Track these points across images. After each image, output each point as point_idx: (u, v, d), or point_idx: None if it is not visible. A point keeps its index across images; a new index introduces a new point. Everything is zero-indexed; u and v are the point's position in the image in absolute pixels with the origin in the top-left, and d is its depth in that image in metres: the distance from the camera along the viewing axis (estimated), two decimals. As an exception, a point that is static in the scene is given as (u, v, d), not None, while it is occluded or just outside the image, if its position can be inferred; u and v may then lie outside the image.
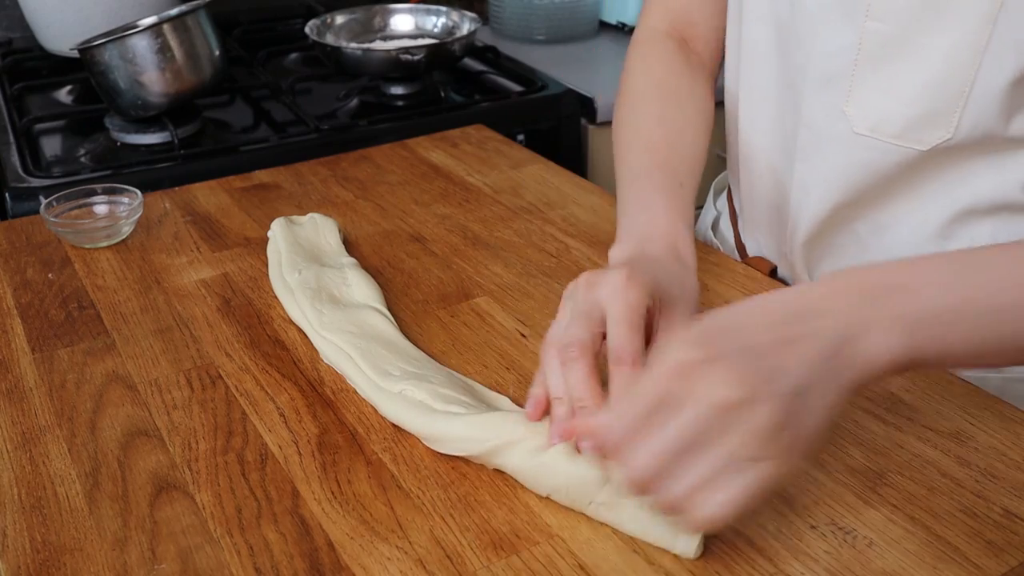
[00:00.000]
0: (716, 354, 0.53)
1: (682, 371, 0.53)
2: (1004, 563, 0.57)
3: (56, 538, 0.61)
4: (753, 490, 0.52)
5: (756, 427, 0.51)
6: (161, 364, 0.79)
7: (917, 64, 0.72)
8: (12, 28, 1.75)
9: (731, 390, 0.51)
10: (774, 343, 0.53)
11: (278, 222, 0.94)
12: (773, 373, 0.52)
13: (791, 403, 0.52)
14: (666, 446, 0.52)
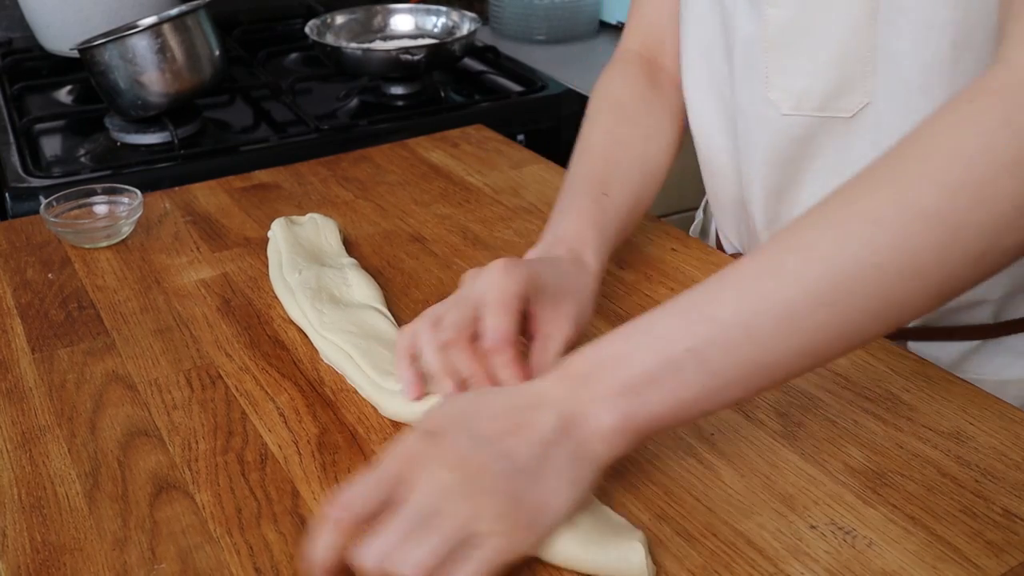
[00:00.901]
0: (442, 436, 0.57)
1: (412, 458, 0.56)
2: (1004, 563, 0.57)
3: (56, 538, 0.61)
4: (487, 564, 0.54)
5: (480, 506, 0.54)
6: (161, 364, 0.79)
7: (820, 40, 0.75)
8: (12, 28, 1.75)
9: (454, 473, 0.55)
10: (501, 431, 0.57)
11: (278, 222, 0.94)
12: (499, 457, 0.56)
13: (517, 483, 0.55)
14: (395, 530, 0.54)
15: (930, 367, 0.75)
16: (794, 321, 0.56)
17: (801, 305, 0.56)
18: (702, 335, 0.57)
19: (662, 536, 0.60)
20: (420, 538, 0.53)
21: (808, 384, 0.74)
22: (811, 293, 0.55)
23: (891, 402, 0.71)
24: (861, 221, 0.55)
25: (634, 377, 0.57)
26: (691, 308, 0.58)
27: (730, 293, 0.58)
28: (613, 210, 0.82)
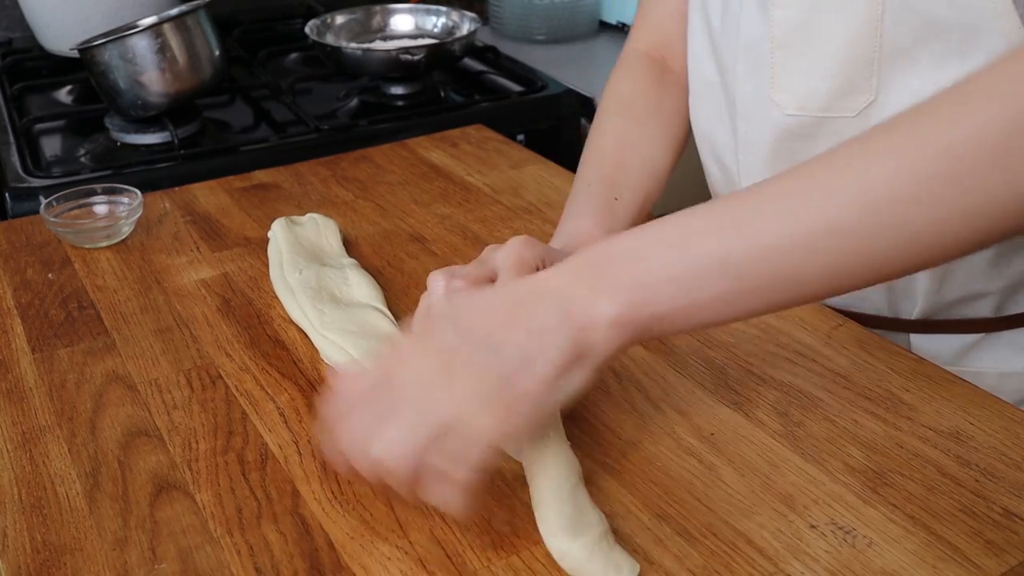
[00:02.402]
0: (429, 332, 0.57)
1: (399, 354, 0.57)
2: (1004, 563, 0.57)
3: (56, 538, 0.62)
4: (471, 451, 0.53)
5: (459, 391, 0.53)
6: (161, 364, 0.79)
7: (827, 41, 0.76)
8: (12, 28, 1.75)
9: (435, 362, 0.55)
10: (493, 324, 0.56)
11: (279, 222, 0.94)
12: (485, 348, 0.54)
13: (502, 369, 0.54)
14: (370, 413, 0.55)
15: (930, 367, 0.75)
16: (831, 238, 0.54)
17: (839, 225, 0.54)
18: (729, 239, 0.55)
19: (662, 535, 0.60)
20: (394, 418, 0.53)
21: (808, 383, 0.74)
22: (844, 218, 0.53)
23: (891, 402, 0.71)
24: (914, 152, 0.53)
25: (651, 271, 0.55)
26: (719, 213, 0.57)
27: (764, 203, 0.56)
28: (623, 212, 0.83)
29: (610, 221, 0.81)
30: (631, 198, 0.84)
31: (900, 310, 0.85)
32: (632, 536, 0.60)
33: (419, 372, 0.55)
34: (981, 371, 0.83)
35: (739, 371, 0.76)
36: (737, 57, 0.83)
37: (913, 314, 0.84)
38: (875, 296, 0.85)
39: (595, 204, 0.82)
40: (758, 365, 0.76)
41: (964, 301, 0.82)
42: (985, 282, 0.80)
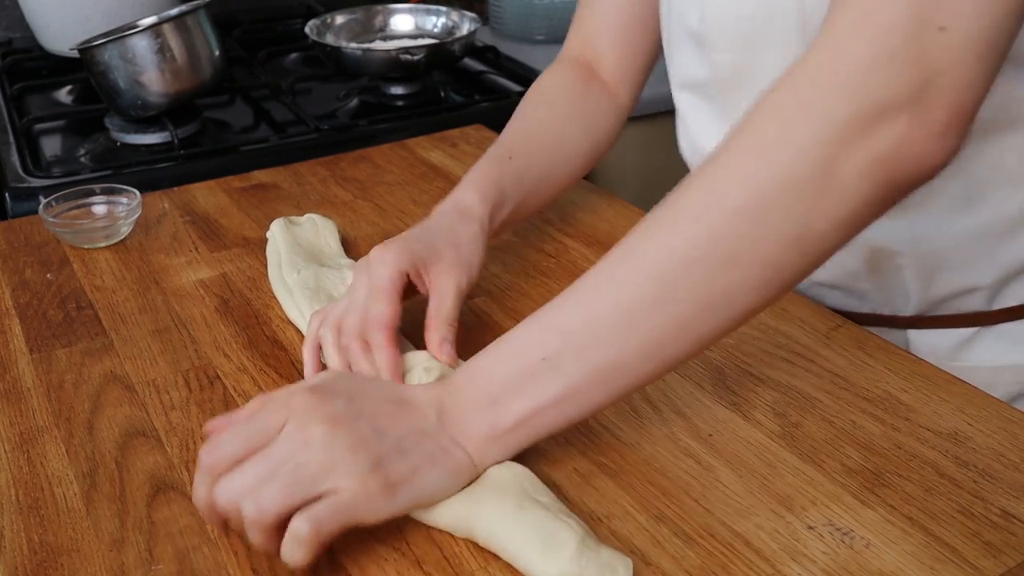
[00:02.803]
0: (326, 394, 0.60)
1: (289, 401, 0.59)
2: (1002, 564, 0.57)
3: (53, 539, 0.61)
4: (329, 516, 0.56)
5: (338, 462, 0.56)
6: (159, 364, 0.79)
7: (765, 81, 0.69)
8: (12, 28, 1.75)
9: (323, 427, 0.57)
10: (381, 412, 0.60)
11: (277, 223, 0.94)
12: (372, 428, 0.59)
13: (382, 452, 0.58)
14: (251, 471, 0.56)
15: (928, 367, 0.75)
16: (632, 322, 0.59)
17: (636, 306, 0.59)
18: (552, 344, 0.61)
19: (659, 537, 0.60)
20: (271, 481, 0.56)
21: (806, 384, 0.74)
22: (643, 293, 0.59)
23: (889, 402, 0.71)
24: (681, 221, 0.59)
25: (496, 387, 0.61)
26: (543, 319, 0.62)
27: (575, 303, 0.62)
28: (513, 171, 0.86)
29: (495, 174, 0.85)
30: (525, 160, 0.88)
31: (896, 307, 0.85)
32: (630, 537, 0.60)
33: (304, 433, 0.57)
34: (978, 365, 0.84)
35: (737, 372, 0.75)
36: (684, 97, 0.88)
37: (908, 310, 0.85)
38: (870, 296, 0.86)
39: (484, 163, 0.86)
40: (756, 366, 0.76)
41: (957, 296, 0.83)
42: (976, 276, 0.81)
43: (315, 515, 0.55)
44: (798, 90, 0.58)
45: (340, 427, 0.58)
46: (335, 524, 0.56)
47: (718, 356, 0.77)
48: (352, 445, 0.57)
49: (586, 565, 0.55)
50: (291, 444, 0.57)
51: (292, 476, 0.56)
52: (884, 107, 0.55)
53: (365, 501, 0.57)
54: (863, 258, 0.82)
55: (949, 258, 0.80)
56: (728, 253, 0.58)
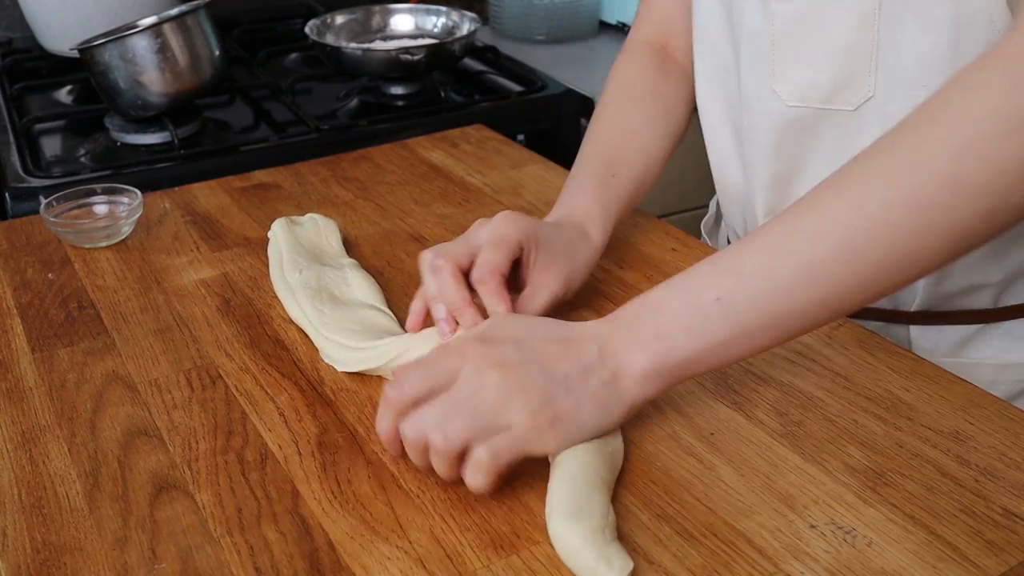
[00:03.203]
0: (494, 343, 0.63)
1: (463, 354, 0.63)
2: (1004, 563, 0.57)
3: (56, 538, 0.62)
4: (507, 448, 0.60)
5: (513, 399, 0.60)
6: (161, 364, 0.79)
7: (825, 35, 0.77)
8: (12, 28, 1.75)
9: (496, 371, 0.61)
10: (546, 351, 0.63)
11: (279, 222, 0.94)
12: (540, 368, 0.62)
13: (551, 390, 0.61)
14: (435, 408, 0.61)
15: (929, 366, 0.75)
16: (813, 275, 0.61)
17: (819, 260, 0.60)
18: (728, 286, 0.62)
19: (662, 535, 0.60)
20: (455, 417, 0.61)
21: (808, 383, 0.74)
22: (829, 249, 0.60)
23: (891, 401, 0.71)
24: (875, 182, 0.60)
25: (667, 323, 0.63)
26: (721, 262, 0.64)
27: (756, 249, 0.63)
28: (620, 190, 0.88)
29: (606, 197, 0.86)
30: (628, 177, 0.89)
31: (900, 302, 0.86)
32: (632, 536, 0.60)
33: (481, 377, 0.61)
34: (980, 362, 0.84)
35: (739, 371, 0.76)
36: (740, 48, 0.85)
37: (913, 306, 0.85)
38: None
39: (593, 181, 0.87)
40: (758, 365, 0.76)
41: (963, 293, 0.83)
42: (983, 274, 0.81)
43: (493, 446, 0.60)
44: (1007, 71, 0.58)
45: (511, 370, 0.62)
46: (511, 455, 0.61)
47: (720, 355, 0.78)
48: (523, 386, 0.61)
49: (590, 544, 0.56)
50: (469, 387, 0.61)
51: (473, 412, 0.61)
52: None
53: (536, 435, 0.61)
54: None
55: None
56: (921, 220, 0.59)
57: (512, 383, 0.61)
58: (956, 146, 0.58)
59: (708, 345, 0.63)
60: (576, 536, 0.57)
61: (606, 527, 0.58)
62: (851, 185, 0.61)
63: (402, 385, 0.63)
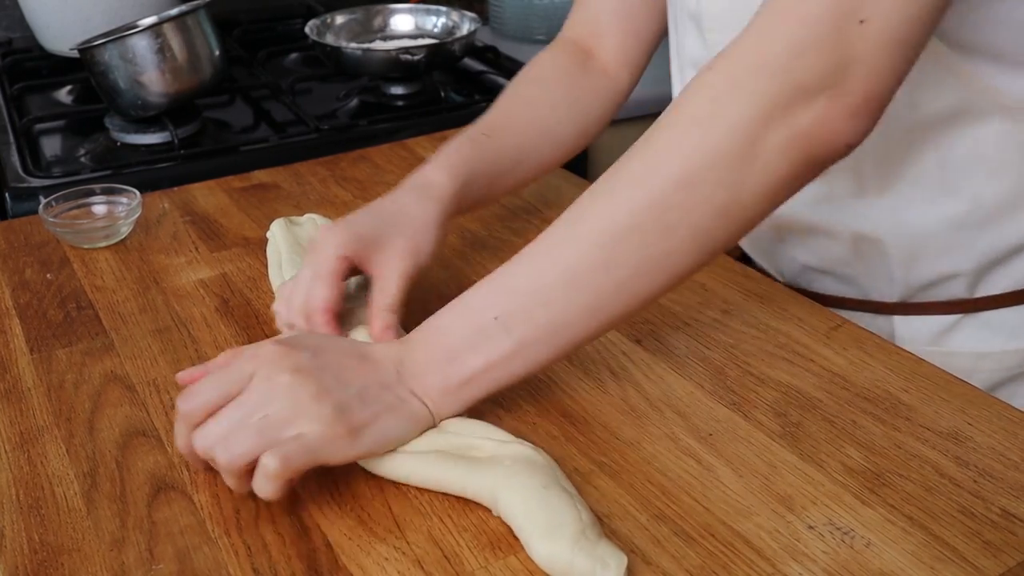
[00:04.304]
0: (292, 348, 0.64)
1: (258, 359, 0.63)
2: (1002, 563, 0.57)
3: (54, 538, 0.61)
4: (295, 455, 0.60)
5: (305, 408, 0.61)
6: (159, 364, 0.79)
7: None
8: (12, 28, 1.75)
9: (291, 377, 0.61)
10: (344, 365, 0.64)
11: (278, 223, 0.94)
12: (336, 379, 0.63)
13: (345, 400, 0.62)
14: (224, 420, 0.61)
15: (928, 367, 0.75)
16: (576, 284, 0.64)
17: (580, 269, 0.64)
18: (503, 304, 0.65)
19: (660, 536, 0.60)
20: (240, 431, 0.60)
21: (806, 384, 0.74)
22: (588, 257, 0.64)
23: (889, 402, 0.71)
24: (621, 188, 0.64)
25: (452, 344, 0.66)
26: (495, 281, 0.67)
27: (526, 264, 0.66)
28: (489, 149, 0.88)
29: (468, 151, 0.86)
30: (503, 140, 0.89)
31: (882, 294, 0.87)
32: (630, 536, 0.60)
33: (272, 382, 0.62)
34: (959, 351, 0.85)
35: (737, 372, 0.76)
36: (685, 74, 0.88)
37: (893, 297, 0.86)
38: (857, 282, 0.88)
39: (460, 139, 0.88)
40: (756, 366, 0.76)
41: (937, 283, 0.84)
42: (954, 263, 0.82)
43: (283, 451, 0.59)
44: (729, 70, 0.63)
45: (305, 376, 0.62)
46: (301, 461, 0.60)
47: (718, 356, 0.78)
48: (316, 393, 0.61)
49: (578, 553, 0.56)
50: (259, 393, 0.61)
51: (260, 424, 0.60)
52: (805, 89, 0.60)
53: (329, 442, 0.61)
54: (849, 244, 0.85)
55: (930, 245, 0.82)
56: (663, 221, 0.62)
57: (304, 389, 0.61)
58: (688, 146, 0.62)
59: (492, 361, 0.65)
60: (562, 551, 0.56)
61: (585, 528, 0.57)
62: (603, 192, 0.65)
63: (192, 396, 0.63)
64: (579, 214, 0.66)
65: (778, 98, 0.61)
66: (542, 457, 0.63)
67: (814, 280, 0.91)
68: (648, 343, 0.80)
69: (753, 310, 0.83)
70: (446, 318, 0.67)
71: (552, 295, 0.64)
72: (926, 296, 0.86)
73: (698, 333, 0.81)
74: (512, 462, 0.62)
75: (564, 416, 0.71)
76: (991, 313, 0.85)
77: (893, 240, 0.82)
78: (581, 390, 0.74)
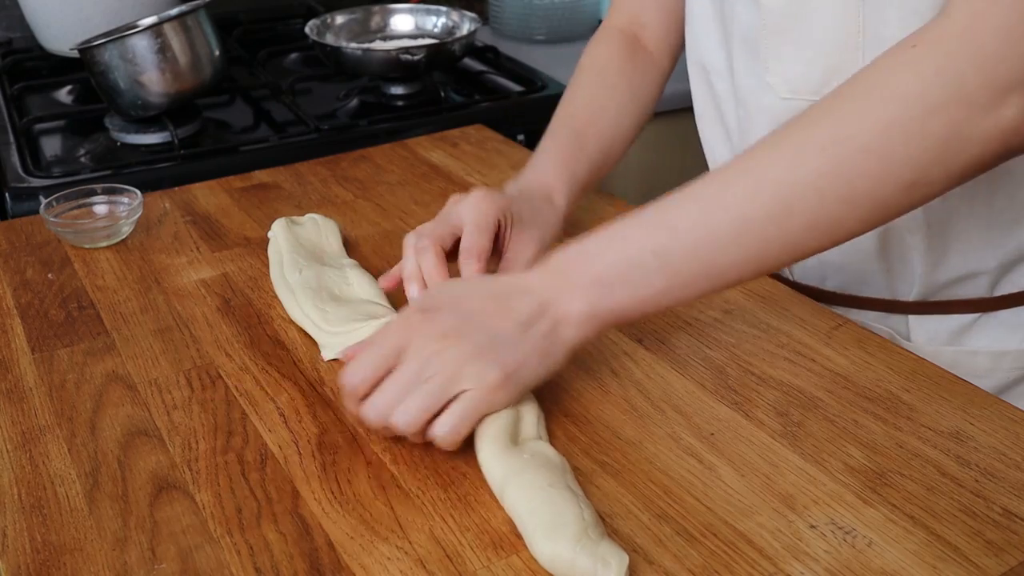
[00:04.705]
0: (435, 311, 0.67)
1: (408, 330, 0.66)
2: (1004, 563, 0.57)
3: (56, 538, 0.62)
4: (469, 412, 0.64)
5: (463, 367, 0.64)
6: (161, 364, 0.79)
7: (812, 27, 0.79)
8: (12, 28, 1.75)
9: (442, 342, 0.64)
10: (486, 311, 0.67)
11: (279, 222, 0.94)
12: (482, 330, 0.65)
13: (496, 350, 0.65)
14: (391, 389, 0.64)
15: (930, 366, 0.75)
16: (746, 232, 0.65)
17: (752, 219, 0.64)
18: (663, 240, 0.66)
19: (662, 536, 0.60)
20: (412, 395, 0.64)
21: (808, 383, 0.74)
22: (761, 209, 0.64)
23: (891, 402, 0.71)
24: (808, 149, 0.64)
25: (603, 272, 0.66)
26: (655, 216, 0.67)
27: (690, 205, 0.67)
28: (586, 160, 0.92)
29: (573, 166, 0.90)
30: (595, 148, 0.93)
31: (898, 292, 0.87)
32: (632, 536, 0.60)
33: (426, 352, 0.64)
34: (977, 350, 0.85)
35: (739, 371, 0.76)
36: (732, 44, 0.87)
37: (911, 296, 0.86)
38: (875, 279, 0.87)
39: (561, 151, 0.91)
40: (758, 365, 0.76)
41: (959, 281, 0.84)
42: (979, 261, 0.82)
43: (453, 415, 0.64)
44: (938, 51, 0.61)
45: (452, 339, 0.65)
46: (467, 425, 0.64)
47: (720, 355, 0.78)
48: (468, 353, 0.64)
49: (580, 552, 0.56)
50: (417, 362, 0.65)
51: (425, 388, 0.64)
52: (1015, 83, 0.59)
53: (489, 395, 0.64)
54: (877, 237, 0.84)
55: (957, 242, 0.82)
56: (847, 188, 0.63)
57: (457, 352, 0.64)
58: (885, 120, 0.61)
59: (644, 295, 0.66)
60: (564, 550, 0.56)
61: (588, 528, 0.57)
62: (785, 150, 0.65)
63: (355, 372, 0.66)
64: (758, 164, 0.65)
65: (989, 88, 0.60)
66: (558, 459, 0.64)
67: (828, 277, 0.90)
68: (650, 343, 0.80)
69: (755, 310, 0.84)
70: (594, 244, 0.68)
71: (717, 240, 0.65)
72: (946, 295, 0.85)
73: (700, 333, 0.81)
74: (531, 456, 0.63)
75: (566, 416, 0.71)
76: (1009, 312, 0.85)
77: (923, 235, 0.82)
78: (583, 390, 0.74)
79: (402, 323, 0.68)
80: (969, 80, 0.60)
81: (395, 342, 0.66)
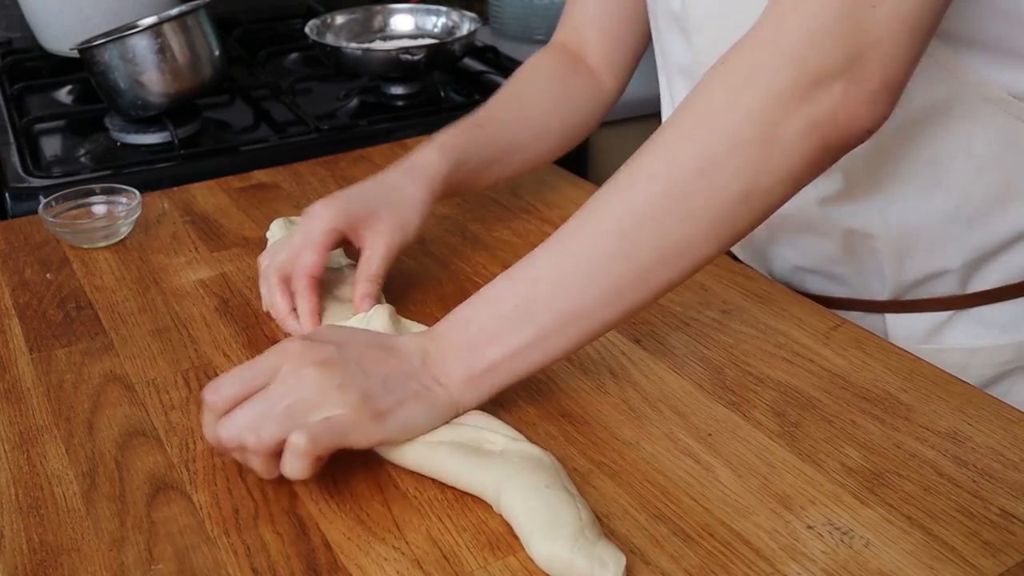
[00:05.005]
0: (317, 347, 0.65)
1: (284, 354, 0.64)
2: (1001, 563, 0.57)
3: (53, 538, 0.62)
4: (328, 429, 0.61)
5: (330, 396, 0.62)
6: (159, 364, 0.79)
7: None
8: (12, 28, 1.75)
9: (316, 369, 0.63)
10: (369, 356, 0.65)
11: (277, 222, 0.94)
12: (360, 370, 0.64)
13: (370, 388, 0.63)
14: (250, 408, 0.62)
15: (927, 367, 0.75)
16: (597, 271, 0.65)
17: (600, 256, 0.65)
18: (523, 293, 0.66)
19: (659, 536, 0.60)
20: (268, 416, 0.61)
21: (805, 384, 0.74)
22: (605, 246, 0.65)
23: (888, 402, 0.71)
24: (639, 178, 0.65)
25: (475, 334, 0.66)
26: (517, 271, 0.68)
27: (545, 254, 0.67)
28: (481, 136, 0.92)
29: (459, 139, 0.90)
30: (495, 131, 0.93)
31: (873, 291, 0.87)
32: (629, 536, 0.60)
33: (299, 374, 0.63)
34: (952, 347, 0.86)
35: (736, 371, 0.76)
36: (672, 74, 0.90)
37: (884, 294, 0.87)
38: (849, 280, 0.88)
39: (453, 128, 0.91)
40: (756, 365, 0.76)
41: (929, 279, 0.85)
42: (944, 260, 0.83)
43: (311, 429, 0.60)
44: (745, 60, 0.64)
45: (330, 367, 0.63)
46: (329, 440, 0.61)
47: (717, 356, 0.78)
48: (342, 383, 0.62)
49: (577, 553, 0.56)
50: (286, 384, 0.63)
51: (288, 411, 0.61)
52: (822, 75, 0.61)
53: (356, 425, 0.62)
54: (839, 241, 0.85)
55: (920, 241, 0.82)
56: (683, 209, 0.63)
57: (330, 380, 0.62)
58: (703, 137, 0.63)
59: (513, 350, 0.66)
60: (561, 551, 0.56)
61: (585, 528, 0.57)
62: (620, 183, 0.66)
63: (218, 387, 0.64)
64: (598, 205, 0.66)
65: (796, 85, 0.61)
66: (549, 459, 0.63)
67: (805, 279, 0.91)
68: (647, 343, 0.80)
69: (752, 310, 0.83)
70: (469, 309, 0.68)
71: (572, 284, 0.65)
72: (918, 293, 0.86)
73: (697, 333, 0.81)
74: (520, 459, 0.62)
75: (563, 416, 0.71)
76: (983, 308, 0.85)
77: (883, 237, 0.82)
78: (580, 390, 0.74)
79: (281, 347, 0.66)
80: (776, 81, 0.62)
81: (270, 363, 0.64)
